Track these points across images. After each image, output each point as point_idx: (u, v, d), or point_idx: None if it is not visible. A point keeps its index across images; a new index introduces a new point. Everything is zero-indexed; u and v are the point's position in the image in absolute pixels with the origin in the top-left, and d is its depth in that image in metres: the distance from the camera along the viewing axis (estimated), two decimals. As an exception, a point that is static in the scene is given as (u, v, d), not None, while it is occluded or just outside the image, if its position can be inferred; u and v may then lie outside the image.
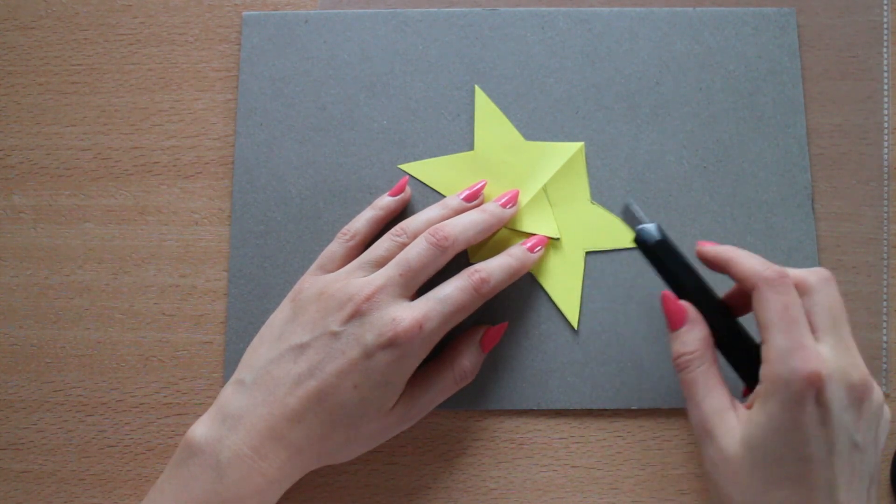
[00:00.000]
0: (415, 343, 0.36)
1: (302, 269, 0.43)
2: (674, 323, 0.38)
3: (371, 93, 0.45)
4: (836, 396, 0.33)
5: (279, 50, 0.46)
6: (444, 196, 0.44)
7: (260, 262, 0.44)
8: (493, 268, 0.39)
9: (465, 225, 0.40)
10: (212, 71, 0.47)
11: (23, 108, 0.47)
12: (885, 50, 0.46)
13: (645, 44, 0.46)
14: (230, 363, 0.43)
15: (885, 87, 0.46)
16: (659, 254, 0.39)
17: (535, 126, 0.45)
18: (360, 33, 0.46)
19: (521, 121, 0.45)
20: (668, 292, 0.39)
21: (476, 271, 0.39)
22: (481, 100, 0.45)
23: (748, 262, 0.36)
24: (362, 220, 0.42)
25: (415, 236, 0.39)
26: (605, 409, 0.43)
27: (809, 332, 0.34)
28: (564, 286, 0.43)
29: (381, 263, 0.39)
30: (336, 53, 0.46)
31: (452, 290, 0.38)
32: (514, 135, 0.45)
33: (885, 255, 0.44)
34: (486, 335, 0.41)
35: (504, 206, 0.42)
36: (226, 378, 0.43)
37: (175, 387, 0.44)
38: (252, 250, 0.44)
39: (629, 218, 0.40)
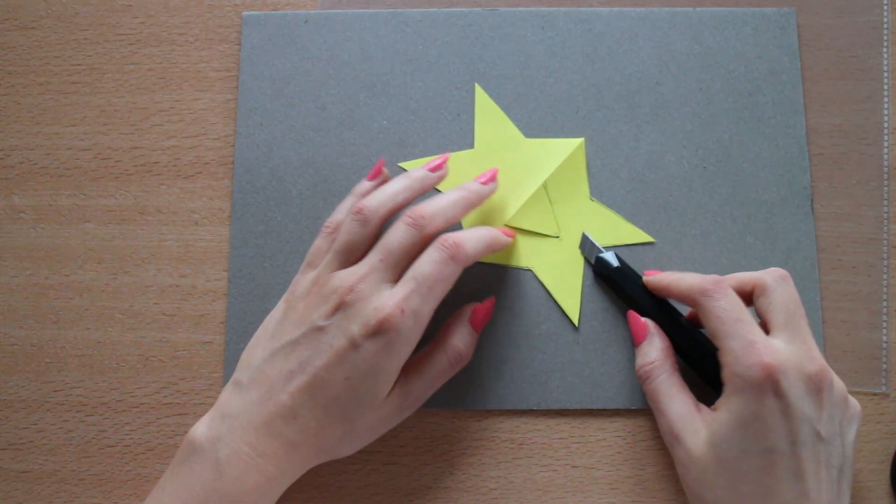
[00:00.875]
0: (402, 328, 0.36)
1: (302, 269, 0.44)
2: (637, 338, 0.41)
3: (371, 93, 0.45)
4: (793, 387, 0.34)
5: (279, 50, 0.46)
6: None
7: (260, 262, 0.44)
8: (467, 235, 0.39)
9: (444, 203, 0.39)
10: (212, 71, 0.47)
11: (23, 108, 0.47)
12: (885, 50, 0.46)
13: (645, 44, 0.46)
14: (230, 363, 0.43)
15: (885, 87, 0.46)
16: (617, 279, 0.42)
17: (536, 126, 0.45)
18: (360, 33, 0.46)
19: (521, 121, 0.45)
20: (634, 311, 0.41)
21: (447, 237, 0.38)
22: (481, 98, 0.45)
23: (685, 282, 0.39)
24: (342, 211, 0.41)
25: (375, 213, 0.39)
26: (605, 409, 0.43)
27: (757, 328, 0.36)
28: (564, 283, 0.43)
29: (352, 250, 0.38)
30: (336, 53, 0.46)
31: (427, 264, 0.37)
32: (514, 132, 0.45)
33: (885, 255, 0.44)
34: (476, 313, 0.41)
35: (484, 183, 0.41)
36: (226, 378, 0.43)
37: (175, 387, 0.44)
38: (252, 250, 0.44)
39: (587, 248, 0.43)
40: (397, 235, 0.38)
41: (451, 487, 0.42)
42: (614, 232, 0.44)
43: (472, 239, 0.39)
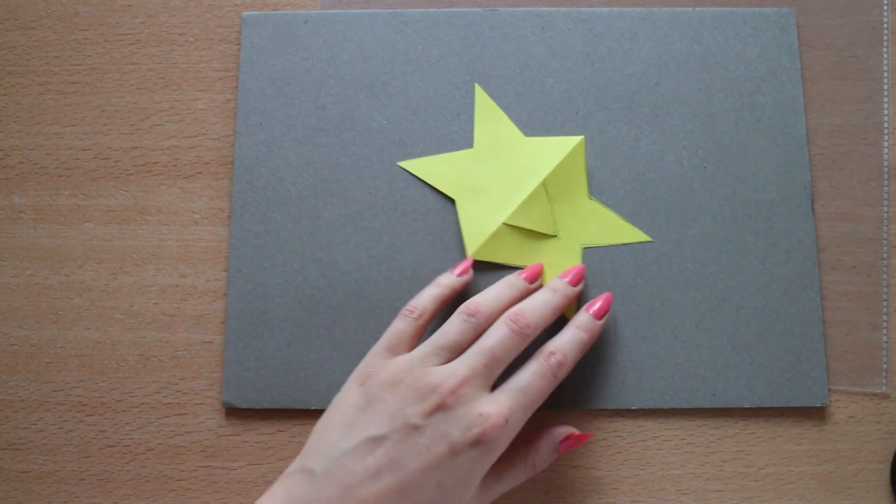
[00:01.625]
0: (501, 439, 0.35)
1: (302, 269, 0.43)
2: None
3: (371, 93, 0.45)
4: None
5: (279, 50, 0.46)
6: (443, 193, 0.44)
7: (259, 262, 0.44)
8: (567, 348, 0.38)
9: (543, 309, 0.39)
10: (212, 71, 0.47)
11: (23, 108, 0.47)
12: (885, 50, 0.46)
13: (645, 44, 0.46)
14: (230, 363, 0.43)
15: (885, 87, 0.46)
16: None
17: (535, 126, 0.45)
18: (360, 33, 0.46)
19: (521, 121, 0.45)
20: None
21: (552, 353, 0.38)
22: (481, 97, 0.45)
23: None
24: (428, 298, 0.40)
25: (488, 318, 0.38)
26: (605, 409, 0.43)
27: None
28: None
29: (454, 348, 0.37)
30: (336, 53, 0.46)
31: (533, 377, 0.37)
32: (513, 131, 0.45)
33: (885, 255, 0.44)
34: (568, 440, 0.40)
35: (572, 284, 0.41)
36: (226, 378, 0.43)
37: (175, 387, 0.44)
38: (252, 250, 0.44)
39: None
40: (503, 341, 0.37)
41: (451, 487, 0.42)
42: (612, 231, 0.44)
43: (573, 353, 0.38)
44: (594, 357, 0.43)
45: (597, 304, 0.40)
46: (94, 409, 0.44)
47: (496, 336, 0.37)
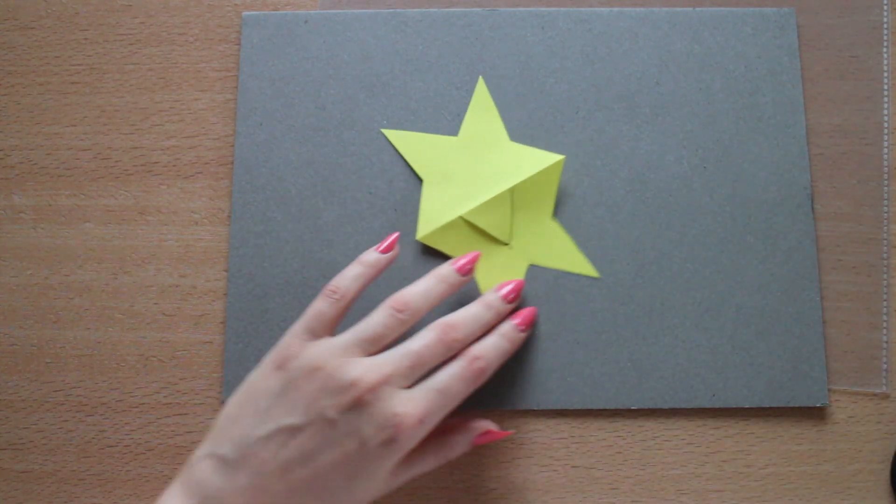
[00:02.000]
0: (413, 438, 0.35)
1: (302, 269, 0.43)
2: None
3: (371, 93, 0.45)
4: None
5: (279, 50, 0.46)
6: (415, 172, 0.44)
7: (259, 262, 0.44)
8: (491, 355, 0.38)
9: (473, 326, 0.38)
10: (212, 71, 0.47)
11: (23, 108, 0.47)
12: (885, 50, 0.46)
13: (645, 44, 0.46)
14: (230, 363, 0.43)
15: (885, 87, 0.46)
16: None
17: (535, 126, 0.45)
18: (360, 33, 0.46)
19: (520, 120, 0.45)
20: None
21: (476, 358, 0.37)
22: (481, 92, 0.45)
23: None
24: (350, 278, 0.38)
25: (415, 314, 0.37)
26: (605, 409, 0.43)
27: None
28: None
29: (378, 341, 0.37)
30: (336, 53, 0.46)
31: (453, 380, 0.36)
32: (500, 132, 0.45)
33: (885, 255, 0.44)
34: (484, 436, 0.39)
35: (508, 301, 0.40)
36: (225, 378, 0.43)
37: (175, 387, 0.44)
38: (252, 250, 0.44)
39: None
40: (431, 349, 0.36)
41: (451, 487, 0.42)
42: (563, 257, 0.44)
43: (495, 361, 0.38)
44: (595, 357, 0.43)
45: (521, 317, 0.40)
46: (94, 409, 0.44)
47: (424, 342, 0.36)
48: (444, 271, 0.39)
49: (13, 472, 0.43)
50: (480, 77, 0.45)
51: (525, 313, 0.40)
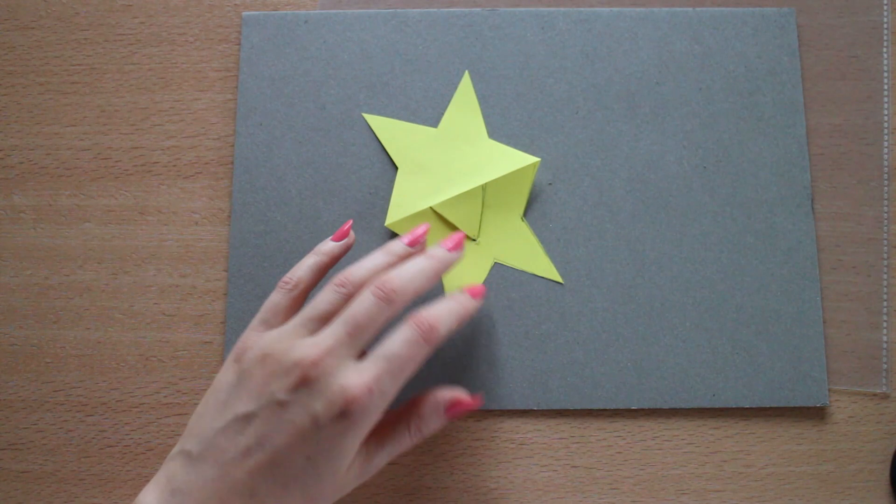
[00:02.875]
0: (368, 408, 0.34)
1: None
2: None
3: (371, 93, 0.45)
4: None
5: (279, 50, 0.46)
6: (392, 160, 0.45)
7: (259, 262, 0.44)
8: (438, 313, 0.36)
9: (412, 274, 0.37)
10: (212, 71, 0.47)
11: (23, 108, 0.47)
12: (885, 50, 0.46)
13: (645, 44, 0.46)
14: (230, 363, 0.43)
15: (885, 87, 0.46)
16: None
17: (535, 126, 0.45)
18: (360, 33, 0.46)
19: (520, 120, 0.45)
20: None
21: (423, 320, 0.36)
22: (465, 86, 0.45)
23: None
24: (304, 268, 0.39)
25: (358, 286, 0.37)
26: (605, 409, 0.43)
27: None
28: (462, 284, 0.43)
29: (325, 318, 0.36)
30: (336, 53, 0.46)
31: (400, 345, 0.35)
32: (480, 128, 0.45)
33: (885, 255, 0.44)
34: (454, 407, 0.38)
35: (450, 250, 0.39)
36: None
37: (175, 387, 0.44)
38: (252, 250, 0.44)
39: None
40: (366, 308, 0.35)
41: (451, 487, 0.42)
42: (529, 259, 0.44)
43: (445, 319, 0.36)
44: (595, 357, 0.43)
45: (473, 289, 0.39)
46: (94, 409, 0.44)
47: (359, 303, 0.36)
48: (392, 245, 0.39)
49: (13, 472, 0.43)
50: (466, 72, 0.45)
51: (475, 286, 0.39)
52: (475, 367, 0.43)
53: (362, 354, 0.36)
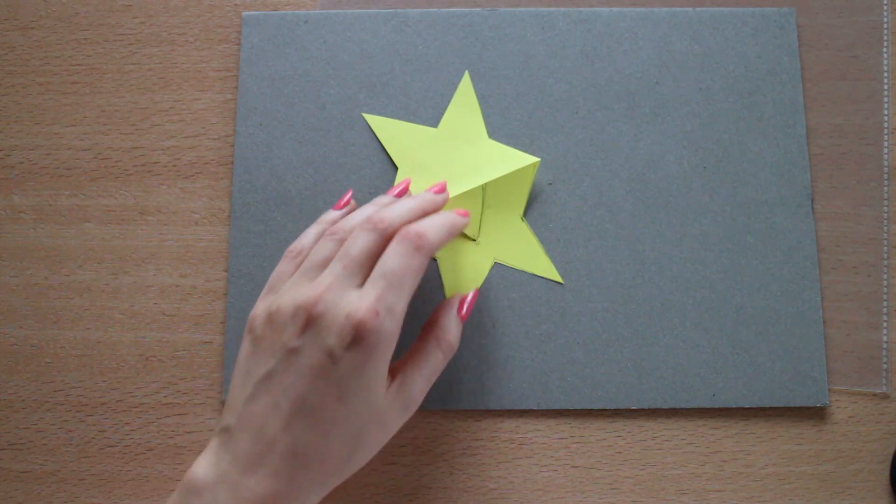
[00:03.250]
0: (380, 329, 0.34)
1: (302, 269, 0.43)
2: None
3: (371, 93, 0.45)
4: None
5: (279, 50, 0.46)
6: (392, 160, 0.45)
7: (260, 262, 0.44)
8: (428, 223, 0.37)
9: (400, 210, 0.38)
10: (212, 71, 0.47)
11: (23, 108, 0.47)
12: (885, 50, 0.46)
13: (645, 44, 0.46)
14: (230, 363, 0.43)
15: (885, 87, 0.46)
16: None
17: (535, 126, 0.45)
18: (359, 33, 0.46)
19: (520, 120, 0.45)
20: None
21: (408, 229, 0.36)
22: (465, 86, 0.45)
23: None
24: (310, 237, 0.40)
25: (349, 232, 0.38)
26: (605, 409, 0.43)
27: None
28: (463, 285, 0.43)
29: (322, 265, 0.37)
30: (336, 53, 0.46)
31: (393, 258, 0.35)
32: (480, 128, 0.45)
33: (885, 255, 0.44)
34: (462, 304, 0.40)
35: (437, 193, 0.40)
36: (225, 378, 0.43)
37: (175, 387, 0.44)
38: (252, 250, 0.44)
39: None
40: (356, 241, 0.36)
41: (451, 487, 0.42)
42: (529, 259, 0.44)
43: (434, 227, 0.37)
44: (595, 357, 0.43)
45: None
46: (94, 409, 0.44)
47: (352, 240, 0.36)
48: (379, 198, 0.40)
49: (13, 472, 0.43)
50: (466, 72, 0.45)
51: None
52: (475, 366, 0.43)
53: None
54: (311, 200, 0.44)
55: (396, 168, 0.45)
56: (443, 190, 0.41)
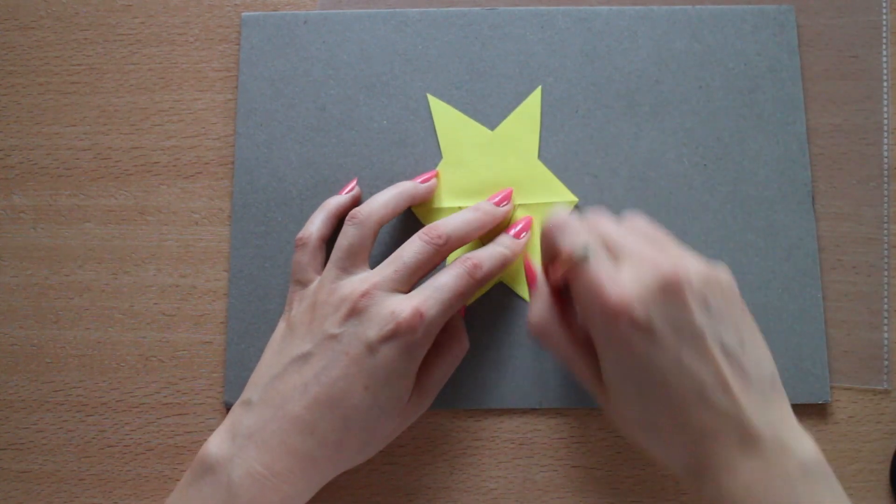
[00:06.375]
0: (418, 332, 0.35)
1: (302, 269, 0.43)
2: (530, 286, 0.42)
3: (371, 93, 0.45)
4: (648, 311, 0.31)
5: (279, 50, 0.46)
6: (439, 147, 0.45)
7: (260, 262, 0.44)
8: (484, 255, 0.39)
9: (459, 223, 0.39)
10: (212, 71, 0.47)
11: (23, 108, 0.47)
12: (885, 50, 0.46)
13: (644, 42, 0.46)
14: (230, 363, 0.43)
15: (885, 87, 0.46)
16: None
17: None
18: (359, 33, 0.46)
19: (520, 120, 0.45)
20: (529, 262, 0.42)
21: (468, 258, 0.38)
22: (533, 99, 0.45)
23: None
24: (316, 223, 0.41)
25: (373, 221, 0.39)
26: (606, 409, 0.43)
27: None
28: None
29: (355, 256, 0.38)
30: (336, 53, 0.46)
31: (448, 277, 0.37)
32: (533, 146, 0.45)
33: (885, 255, 0.44)
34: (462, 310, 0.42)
35: (497, 204, 0.42)
36: (226, 378, 0.43)
37: (175, 387, 0.44)
38: (252, 250, 0.44)
39: None
40: (413, 249, 0.38)
41: (451, 487, 0.42)
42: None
43: (490, 260, 0.39)
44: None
45: (517, 227, 0.41)
46: (94, 409, 0.44)
47: (407, 246, 0.38)
48: (404, 184, 0.42)
49: (13, 472, 0.43)
50: (539, 87, 0.45)
51: (521, 220, 0.42)
52: (476, 366, 0.43)
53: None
54: (311, 200, 0.44)
55: (396, 169, 0.45)
56: (507, 199, 0.42)
